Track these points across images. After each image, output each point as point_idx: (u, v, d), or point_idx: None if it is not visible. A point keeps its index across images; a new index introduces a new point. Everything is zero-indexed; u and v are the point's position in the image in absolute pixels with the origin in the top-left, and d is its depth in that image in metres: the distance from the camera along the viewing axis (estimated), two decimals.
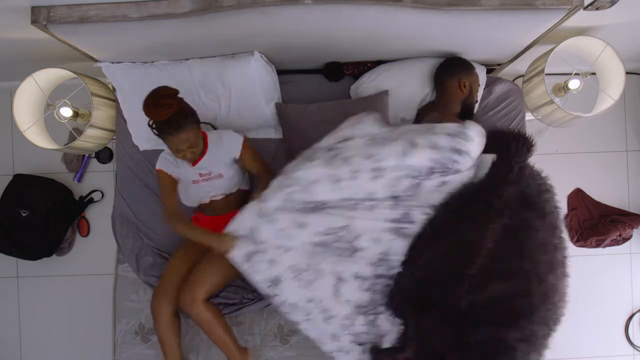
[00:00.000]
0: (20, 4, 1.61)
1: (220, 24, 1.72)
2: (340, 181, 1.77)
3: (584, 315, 2.74)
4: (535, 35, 1.91)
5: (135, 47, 1.94)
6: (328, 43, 1.97)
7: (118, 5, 1.62)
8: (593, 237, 2.71)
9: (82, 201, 2.72)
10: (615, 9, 1.77)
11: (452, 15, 1.68)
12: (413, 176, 1.77)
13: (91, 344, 2.67)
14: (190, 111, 1.80)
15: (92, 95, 2.14)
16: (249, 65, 2.01)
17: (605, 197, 2.78)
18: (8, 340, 2.74)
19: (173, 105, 1.72)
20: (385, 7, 1.62)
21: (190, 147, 1.81)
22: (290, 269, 1.80)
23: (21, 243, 2.59)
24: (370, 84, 2.17)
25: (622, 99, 2.67)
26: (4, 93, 2.73)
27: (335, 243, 1.79)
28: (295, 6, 1.60)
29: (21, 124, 2.12)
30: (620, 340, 2.77)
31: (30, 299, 2.75)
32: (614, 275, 2.77)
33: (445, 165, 1.77)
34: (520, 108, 2.25)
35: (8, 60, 2.26)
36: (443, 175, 1.77)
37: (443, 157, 1.76)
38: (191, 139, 1.79)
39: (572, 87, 2.31)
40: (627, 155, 2.80)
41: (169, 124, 1.73)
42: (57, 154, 2.73)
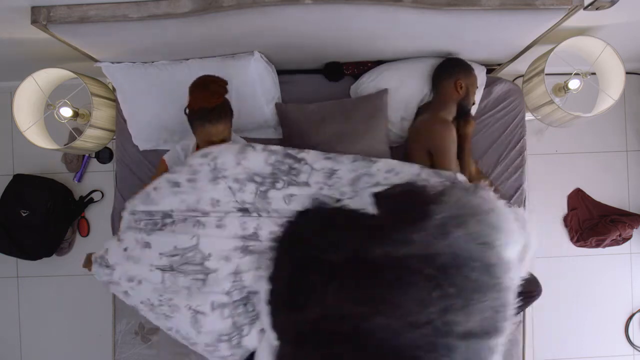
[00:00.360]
0: (20, 4, 1.61)
1: (220, 24, 1.72)
2: (178, 185, 1.72)
3: (584, 315, 2.75)
4: (535, 35, 1.91)
5: (135, 47, 1.94)
6: (328, 43, 1.97)
7: (118, 5, 1.62)
8: (593, 237, 2.71)
9: (82, 201, 2.72)
10: (615, 9, 1.77)
11: (452, 15, 1.68)
12: (256, 182, 1.72)
13: (91, 344, 2.67)
14: (230, 107, 1.82)
15: (92, 95, 2.14)
16: (249, 65, 2.01)
17: (605, 197, 2.78)
18: (8, 340, 2.74)
19: (222, 96, 1.76)
20: (385, 7, 1.62)
21: (222, 141, 1.81)
22: (143, 303, 1.74)
23: (21, 243, 2.59)
24: (370, 84, 2.17)
25: (622, 99, 2.67)
26: (4, 93, 2.73)
27: (184, 266, 1.67)
28: (295, 6, 1.60)
29: (21, 124, 2.12)
30: (620, 340, 2.77)
31: (30, 299, 2.75)
32: (614, 275, 2.77)
33: (286, 173, 1.73)
34: (520, 108, 2.25)
35: (8, 60, 2.26)
36: (289, 185, 1.73)
37: (278, 162, 1.74)
38: (223, 133, 1.80)
39: (572, 87, 2.31)
40: (627, 155, 2.80)
41: (212, 112, 1.74)
42: (57, 154, 2.73)
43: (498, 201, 1.55)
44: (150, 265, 1.69)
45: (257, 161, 1.75)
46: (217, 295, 1.66)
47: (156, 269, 1.68)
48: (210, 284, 1.66)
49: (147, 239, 1.70)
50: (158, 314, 1.73)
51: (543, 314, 2.71)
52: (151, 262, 1.69)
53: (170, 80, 2.07)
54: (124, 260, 1.73)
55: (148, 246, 1.70)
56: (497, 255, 1.48)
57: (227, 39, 1.90)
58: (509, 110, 2.25)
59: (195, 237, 1.67)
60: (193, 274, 1.67)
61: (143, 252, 1.70)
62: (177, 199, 1.72)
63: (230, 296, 1.67)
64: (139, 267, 1.71)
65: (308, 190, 1.74)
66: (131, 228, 1.75)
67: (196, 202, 1.72)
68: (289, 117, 2.14)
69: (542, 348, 2.74)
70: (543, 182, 2.74)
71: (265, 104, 2.13)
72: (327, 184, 1.76)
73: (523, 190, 2.21)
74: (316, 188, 1.75)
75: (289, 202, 1.73)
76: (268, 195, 1.73)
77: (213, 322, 1.67)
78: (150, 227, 1.72)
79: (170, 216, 1.73)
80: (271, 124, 2.22)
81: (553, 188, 2.77)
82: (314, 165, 1.78)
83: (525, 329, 2.14)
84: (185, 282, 1.67)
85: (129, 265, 1.72)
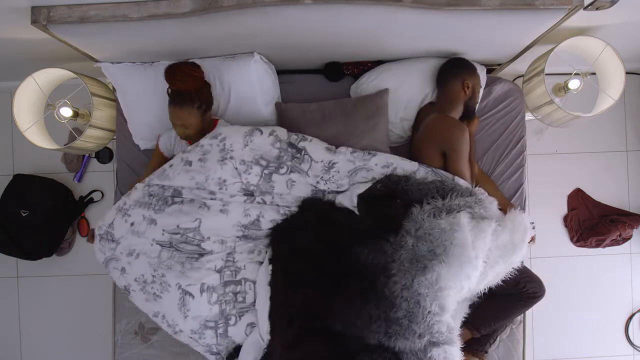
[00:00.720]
0: (20, 4, 1.61)
1: (220, 24, 1.72)
2: (190, 163, 1.84)
3: (584, 315, 2.75)
4: (535, 35, 1.91)
5: (135, 47, 1.94)
6: (328, 43, 1.97)
7: (118, 5, 1.62)
8: (593, 237, 2.71)
9: (82, 201, 2.72)
10: (615, 9, 1.77)
11: (452, 15, 1.67)
12: (262, 165, 1.84)
13: (91, 344, 2.67)
14: (201, 97, 1.89)
15: (92, 95, 2.14)
16: (248, 67, 2.02)
17: (605, 197, 2.78)
18: (8, 340, 2.74)
19: (187, 84, 1.85)
20: (385, 7, 1.62)
21: (183, 126, 1.90)
22: (137, 281, 1.81)
23: (21, 243, 2.59)
24: (370, 84, 2.17)
25: (622, 99, 2.67)
26: (4, 93, 2.73)
27: (182, 244, 1.79)
28: (295, 6, 1.60)
29: (21, 124, 2.12)
30: (620, 340, 2.77)
31: (30, 299, 2.75)
32: (614, 275, 2.77)
33: (290, 158, 1.85)
34: (520, 108, 2.25)
35: (8, 60, 2.26)
36: (291, 172, 1.85)
37: (282, 149, 1.85)
38: (187, 119, 1.88)
39: (572, 87, 2.31)
40: (627, 155, 2.80)
41: (174, 96, 1.88)
42: (57, 154, 2.73)
43: (462, 229, 1.61)
44: (152, 240, 1.79)
45: (263, 144, 1.87)
46: (208, 273, 1.74)
47: (156, 243, 1.79)
48: (203, 261, 1.76)
49: (154, 216, 1.81)
50: (148, 294, 1.80)
51: (543, 314, 2.71)
52: (153, 236, 1.80)
53: None
54: (129, 234, 1.82)
55: (154, 222, 1.80)
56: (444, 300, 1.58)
57: (227, 39, 1.90)
58: (509, 110, 2.25)
59: (198, 219, 1.78)
60: (189, 253, 1.78)
61: (148, 228, 1.80)
62: (188, 176, 1.84)
63: (222, 275, 1.75)
64: (141, 240, 1.81)
65: (307, 179, 1.87)
66: (141, 204, 1.84)
67: (204, 181, 1.83)
68: (289, 117, 2.14)
69: (542, 348, 2.74)
70: (543, 182, 2.74)
71: (264, 105, 2.13)
72: (324, 178, 1.88)
73: (523, 190, 2.21)
74: (314, 181, 1.87)
75: (290, 187, 1.85)
76: (272, 179, 1.84)
77: (200, 306, 1.74)
78: (159, 205, 1.82)
79: (180, 194, 1.83)
80: (271, 124, 2.22)
81: (553, 188, 2.77)
82: (314, 157, 1.88)
83: (525, 329, 2.14)
84: (181, 258, 1.76)
85: (133, 239, 1.82)
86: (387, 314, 1.58)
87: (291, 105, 2.15)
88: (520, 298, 1.90)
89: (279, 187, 1.86)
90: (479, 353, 1.99)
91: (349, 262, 1.69)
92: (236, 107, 2.11)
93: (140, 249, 1.82)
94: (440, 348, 1.57)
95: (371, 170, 1.88)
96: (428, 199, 1.71)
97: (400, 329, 1.56)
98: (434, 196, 1.73)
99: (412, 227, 1.65)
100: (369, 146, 2.04)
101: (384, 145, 2.10)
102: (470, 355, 1.94)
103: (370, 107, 2.08)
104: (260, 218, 1.83)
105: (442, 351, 1.57)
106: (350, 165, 1.89)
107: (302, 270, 1.70)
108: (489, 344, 2.01)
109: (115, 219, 1.86)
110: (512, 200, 2.19)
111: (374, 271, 1.64)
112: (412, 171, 1.87)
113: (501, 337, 2.11)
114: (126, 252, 1.82)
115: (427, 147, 1.98)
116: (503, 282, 1.77)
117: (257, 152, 1.86)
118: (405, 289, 1.58)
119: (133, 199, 1.86)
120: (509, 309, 1.92)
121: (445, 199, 1.72)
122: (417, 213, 1.68)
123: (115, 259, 1.84)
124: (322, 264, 1.71)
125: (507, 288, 1.81)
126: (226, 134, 1.87)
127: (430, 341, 1.57)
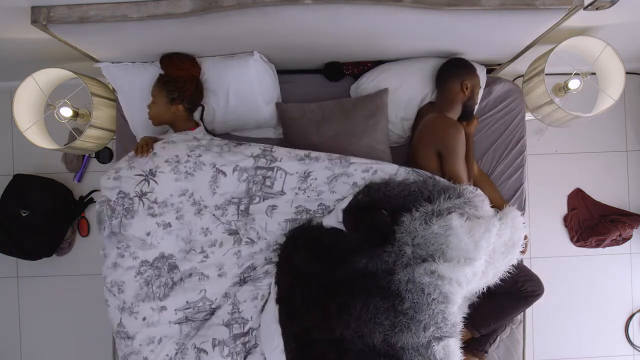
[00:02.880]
0: (20, 4, 1.61)
1: (220, 24, 1.72)
2: (170, 225, 1.85)
3: (584, 315, 2.75)
4: (535, 35, 1.91)
5: (135, 47, 1.94)
6: (328, 43, 1.97)
7: (118, 5, 1.62)
8: (593, 237, 2.71)
9: (82, 201, 2.72)
10: (615, 9, 1.77)
11: (452, 15, 1.67)
12: (235, 203, 1.88)
13: (91, 344, 2.67)
14: (178, 88, 1.99)
15: (92, 95, 2.14)
16: (248, 66, 2.02)
17: (605, 197, 2.78)
18: (8, 340, 2.74)
19: (169, 70, 2.00)
20: (385, 7, 1.62)
21: (152, 101, 2.02)
22: (167, 356, 1.82)
23: (21, 243, 2.59)
24: (370, 84, 2.17)
25: (622, 99, 2.67)
26: (4, 93, 2.73)
27: (197, 314, 1.83)
28: (295, 6, 1.60)
29: (21, 124, 2.12)
30: (620, 340, 2.77)
31: (30, 299, 2.75)
32: (614, 275, 2.77)
33: (260, 186, 1.85)
34: (520, 108, 2.25)
35: (8, 60, 2.26)
36: (265, 199, 1.86)
37: (250, 177, 1.86)
38: (154, 97, 2.01)
39: (572, 87, 2.31)
40: (627, 155, 2.80)
41: (159, 77, 2.04)
42: (57, 154, 2.73)
43: (455, 231, 1.63)
44: (169, 322, 1.81)
45: (230, 185, 1.88)
46: (218, 329, 1.78)
47: (174, 324, 1.81)
48: (212, 319, 1.83)
49: (162, 304, 1.82)
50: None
51: (543, 314, 2.71)
52: (169, 319, 1.81)
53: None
54: (144, 327, 1.81)
55: (164, 309, 1.81)
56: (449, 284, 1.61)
57: (227, 39, 1.90)
58: (509, 110, 2.25)
59: (203, 290, 1.84)
60: (203, 318, 1.83)
61: (161, 315, 1.81)
62: (172, 237, 1.85)
63: (230, 329, 1.79)
64: (158, 328, 1.81)
65: (285, 197, 1.87)
66: (143, 298, 1.82)
67: (189, 234, 1.87)
68: (289, 117, 2.14)
69: (542, 348, 2.74)
70: (543, 182, 2.74)
71: (264, 104, 2.13)
72: (302, 188, 1.87)
73: (523, 190, 2.22)
74: (292, 194, 1.87)
75: (271, 214, 1.87)
76: (250, 211, 1.88)
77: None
78: (163, 292, 1.82)
79: (176, 267, 1.84)
80: (270, 124, 2.22)
81: (553, 188, 2.77)
82: (288, 170, 1.88)
83: (525, 329, 2.14)
84: (195, 324, 1.83)
85: (149, 330, 1.81)
86: (394, 306, 1.60)
87: (291, 105, 2.15)
88: (520, 297, 1.90)
89: (260, 217, 1.87)
90: (479, 353, 1.99)
91: (348, 273, 1.71)
92: (236, 107, 2.11)
93: (162, 334, 1.81)
94: (442, 342, 1.59)
95: (351, 176, 1.85)
96: (416, 205, 1.71)
97: (405, 319, 1.58)
98: (419, 200, 1.73)
99: (408, 237, 1.66)
100: (369, 146, 2.04)
101: (383, 145, 2.10)
102: (470, 355, 1.94)
103: (370, 107, 2.08)
104: (253, 262, 1.87)
105: (443, 346, 1.59)
106: (329, 172, 1.86)
107: (305, 297, 1.72)
108: (489, 344, 2.01)
109: (122, 318, 1.82)
110: (512, 201, 2.19)
111: (375, 273, 1.66)
112: (392, 173, 1.85)
113: (501, 337, 2.11)
114: (146, 342, 1.80)
115: (423, 147, 1.98)
116: (502, 281, 1.78)
117: (227, 194, 1.87)
118: (410, 282, 1.61)
119: (130, 294, 1.81)
120: (508, 308, 1.93)
121: (432, 202, 1.72)
122: (409, 222, 1.67)
123: (135, 353, 1.81)
124: (322, 283, 1.72)
125: (506, 287, 1.81)
126: (192, 188, 1.86)
127: (434, 335, 1.59)
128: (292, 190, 1.87)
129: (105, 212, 1.83)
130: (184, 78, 2.00)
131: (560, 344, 2.76)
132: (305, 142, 2.06)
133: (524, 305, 1.93)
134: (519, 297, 1.90)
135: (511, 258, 1.75)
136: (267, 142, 2.23)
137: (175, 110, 2.01)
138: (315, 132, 2.06)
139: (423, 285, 1.59)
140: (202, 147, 1.92)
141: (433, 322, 1.58)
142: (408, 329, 1.58)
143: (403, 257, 1.65)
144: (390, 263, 1.66)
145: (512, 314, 1.97)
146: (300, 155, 1.90)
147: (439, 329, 1.59)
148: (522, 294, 1.90)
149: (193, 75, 2.03)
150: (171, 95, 1.99)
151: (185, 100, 2.01)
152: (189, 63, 2.02)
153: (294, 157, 1.89)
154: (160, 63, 2.03)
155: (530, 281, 1.91)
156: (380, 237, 1.70)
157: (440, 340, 1.60)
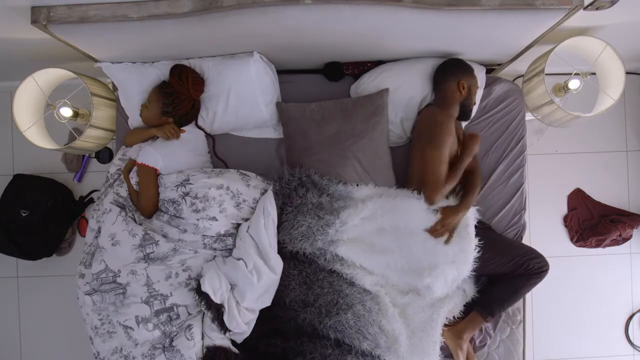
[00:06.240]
0: (20, 4, 1.61)
1: (220, 24, 1.72)
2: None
3: (584, 315, 2.75)
4: (535, 35, 1.91)
5: (135, 47, 1.94)
6: (328, 43, 1.97)
7: (118, 5, 1.62)
8: (593, 237, 2.71)
9: (82, 201, 2.73)
10: (615, 9, 1.77)
11: (452, 15, 1.68)
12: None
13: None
14: (173, 103, 2.02)
15: (92, 95, 2.14)
16: (248, 66, 2.02)
17: (605, 197, 2.78)
18: (8, 340, 2.74)
19: (172, 83, 2.02)
20: (385, 7, 1.62)
21: (147, 104, 2.06)
22: (92, 330, 1.90)
23: (21, 243, 2.59)
24: (370, 84, 2.17)
25: (622, 99, 2.67)
26: (4, 93, 2.73)
27: (102, 286, 1.86)
28: (295, 6, 1.60)
29: (21, 124, 2.12)
30: (620, 340, 2.77)
31: (30, 299, 2.75)
32: (614, 275, 2.77)
33: (169, 329, 1.86)
34: (520, 108, 2.25)
35: (8, 60, 2.26)
36: (178, 337, 1.86)
37: (161, 324, 1.84)
38: (149, 98, 2.05)
39: (572, 87, 2.31)
40: (627, 155, 2.80)
41: (162, 84, 2.06)
42: (57, 154, 2.73)
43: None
44: (83, 294, 1.90)
45: (142, 336, 1.84)
46: (138, 306, 1.82)
47: (85, 294, 1.87)
48: (129, 295, 1.84)
49: (84, 272, 1.94)
50: (103, 336, 1.88)
51: (543, 314, 2.71)
52: (82, 290, 1.90)
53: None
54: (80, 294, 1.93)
55: (83, 276, 1.92)
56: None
57: (227, 39, 1.90)
58: (509, 110, 2.25)
59: (103, 261, 1.87)
60: (112, 291, 1.85)
61: (79, 282, 1.93)
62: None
63: (151, 305, 1.82)
64: (80, 298, 1.92)
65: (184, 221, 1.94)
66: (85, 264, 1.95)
67: (117, 271, 1.90)
68: (289, 117, 2.14)
69: (542, 348, 2.75)
70: (543, 182, 2.74)
71: (264, 104, 2.13)
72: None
73: (523, 190, 2.22)
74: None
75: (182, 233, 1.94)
76: (173, 345, 1.85)
77: (142, 335, 1.82)
78: (89, 259, 1.94)
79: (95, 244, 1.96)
80: (270, 124, 2.22)
81: (553, 188, 2.77)
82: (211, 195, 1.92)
83: (525, 329, 2.14)
84: (110, 299, 1.85)
85: (80, 296, 1.92)
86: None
87: (291, 105, 2.15)
88: (530, 276, 1.95)
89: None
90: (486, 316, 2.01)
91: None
92: (236, 107, 2.11)
93: (82, 302, 1.91)
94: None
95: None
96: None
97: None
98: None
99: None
100: (369, 146, 2.04)
101: (383, 145, 2.10)
102: (477, 314, 2.00)
103: (370, 107, 2.08)
104: (149, 232, 1.88)
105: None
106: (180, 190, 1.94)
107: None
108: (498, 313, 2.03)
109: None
110: (512, 201, 2.20)
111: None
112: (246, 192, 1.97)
113: (501, 337, 2.11)
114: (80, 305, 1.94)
115: (415, 148, 2.03)
116: (508, 266, 1.91)
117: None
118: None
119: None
120: (522, 288, 1.98)
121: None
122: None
123: (85, 314, 1.94)
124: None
125: (514, 271, 1.94)
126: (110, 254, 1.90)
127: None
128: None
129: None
130: (183, 95, 2.02)
131: (560, 344, 2.76)
132: (306, 142, 2.06)
133: (536, 282, 1.98)
134: (529, 276, 1.95)
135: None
136: (267, 141, 2.24)
137: (165, 121, 2.06)
138: (315, 132, 2.06)
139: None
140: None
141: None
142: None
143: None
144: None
145: (527, 292, 2.01)
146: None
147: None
148: (530, 272, 1.95)
149: (192, 96, 2.05)
150: (165, 108, 2.03)
151: (176, 117, 2.05)
152: (192, 82, 2.02)
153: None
154: (170, 70, 2.05)
155: (534, 258, 1.96)
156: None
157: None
